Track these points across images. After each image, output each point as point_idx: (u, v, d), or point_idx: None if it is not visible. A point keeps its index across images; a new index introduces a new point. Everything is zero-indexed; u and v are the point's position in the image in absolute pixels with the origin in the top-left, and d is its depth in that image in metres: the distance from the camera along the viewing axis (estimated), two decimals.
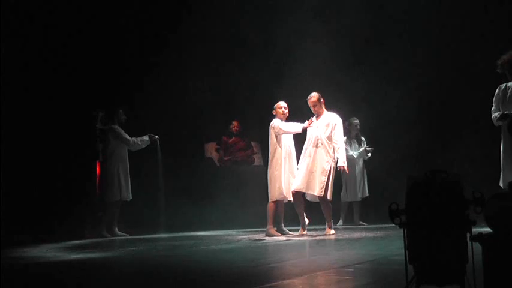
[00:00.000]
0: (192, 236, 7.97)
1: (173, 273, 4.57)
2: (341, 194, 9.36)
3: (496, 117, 6.10)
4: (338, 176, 7.81)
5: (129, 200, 8.41)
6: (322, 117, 7.39)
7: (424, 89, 9.64)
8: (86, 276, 4.59)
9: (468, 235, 2.64)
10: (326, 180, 7.18)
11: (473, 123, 8.98)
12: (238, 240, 7.07)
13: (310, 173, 7.23)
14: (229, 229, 8.74)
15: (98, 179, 8.48)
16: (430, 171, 2.74)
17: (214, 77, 10.03)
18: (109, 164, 8.33)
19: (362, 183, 9.46)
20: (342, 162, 7.26)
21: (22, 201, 7.86)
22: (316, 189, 7.17)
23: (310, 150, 7.32)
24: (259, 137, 9.42)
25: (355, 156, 9.36)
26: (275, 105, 7.59)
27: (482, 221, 2.71)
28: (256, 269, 4.50)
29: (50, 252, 6.22)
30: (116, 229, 8.30)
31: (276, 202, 7.39)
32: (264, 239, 7.09)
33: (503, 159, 6.11)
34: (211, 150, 10.13)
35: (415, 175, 2.78)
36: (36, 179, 8.09)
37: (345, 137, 9.26)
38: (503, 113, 6.02)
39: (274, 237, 7.20)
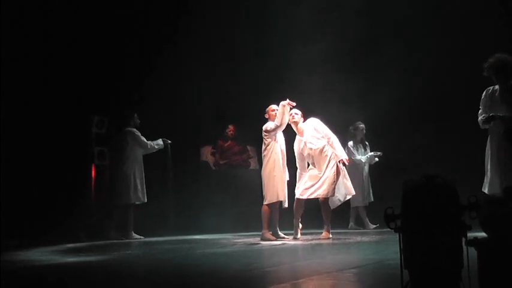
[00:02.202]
0: (187, 239, 7.96)
1: (168, 276, 4.56)
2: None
3: (481, 119, 6.07)
4: None
5: (141, 202, 8.40)
6: (302, 129, 7.42)
7: (421, 91, 9.64)
8: (81, 280, 4.58)
9: (463, 240, 2.65)
10: (333, 176, 7.16)
11: (471, 127, 8.95)
12: (234, 244, 7.06)
13: (316, 178, 7.24)
14: (224, 233, 8.73)
15: (93, 182, 8.48)
16: (426, 176, 2.74)
17: (210, 80, 10.03)
18: (126, 167, 8.36)
19: (368, 187, 9.45)
20: (341, 155, 7.26)
21: (18, 205, 7.83)
22: (327, 189, 7.17)
23: (309, 160, 7.36)
24: (255, 141, 9.41)
25: (364, 161, 9.33)
26: (267, 109, 7.60)
27: (477, 225, 2.72)
28: (251, 273, 4.50)
29: (45, 255, 6.20)
30: (132, 232, 8.33)
31: (271, 206, 7.37)
32: (259, 243, 7.08)
33: (490, 163, 5.98)
34: (206, 154, 10.12)
35: (411, 180, 2.79)
36: (32, 182, 8.07)
37: (351, 141, 9.32)
38: (489, 115, 5.96)
39: (270, 241, 7.19)
